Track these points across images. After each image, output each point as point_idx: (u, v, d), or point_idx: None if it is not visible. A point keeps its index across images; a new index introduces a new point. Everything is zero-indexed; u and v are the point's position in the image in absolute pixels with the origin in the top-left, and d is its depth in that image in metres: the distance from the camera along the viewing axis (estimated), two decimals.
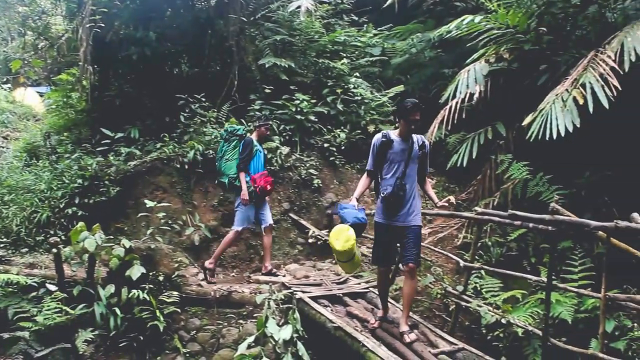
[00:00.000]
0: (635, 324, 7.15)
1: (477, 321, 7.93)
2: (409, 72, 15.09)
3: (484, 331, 7.74)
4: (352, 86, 13.49)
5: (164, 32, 12.79)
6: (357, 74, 14.16)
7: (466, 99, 10.13)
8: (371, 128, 12.77)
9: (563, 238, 8.41)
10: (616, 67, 7.96)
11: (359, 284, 8.67)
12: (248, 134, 9.47)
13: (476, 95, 10.12)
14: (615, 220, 4.79)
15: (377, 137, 6.40)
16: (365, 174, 6.58)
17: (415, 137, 6.31)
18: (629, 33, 8.34)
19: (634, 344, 7.02)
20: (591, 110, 7.64)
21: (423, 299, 8.60)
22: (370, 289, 8.31)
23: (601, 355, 5.20)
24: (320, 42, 14.44)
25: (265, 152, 9.62)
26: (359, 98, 13.28)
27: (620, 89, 7.71)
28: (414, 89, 14.03)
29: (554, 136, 7.74)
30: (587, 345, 6.88)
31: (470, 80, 10.01)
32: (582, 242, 8.30)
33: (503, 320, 7.06)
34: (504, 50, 10.38)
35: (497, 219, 6.53)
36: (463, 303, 7.52)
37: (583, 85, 7.93)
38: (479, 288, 8.26)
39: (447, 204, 6.18)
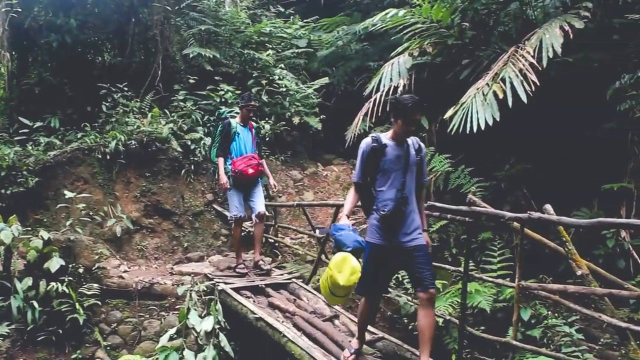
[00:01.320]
0: (550, 312, 7.37)
1: (399, 311, 8.02)
2: (334, 64, 15.15)
3: (405, 321, 7.83)
4: (277, 77, 13.43)
5: (85, 20, 12.46)
6: (282, 66, 14.09)
7: (390, 92, 10.21)
8: (296, 120, 12.75)
9: (483, 229, 8.60)
10: (535, 63, 8.16)
11: (282, 275, 8.63)
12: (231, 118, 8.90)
13: (400, 89, 10.21)
14: (528, 212, 4.91)
15: (366, 143, 5.20)
16: (352, 188, 5.36)
17: (409, 140, 5.22)
18: (548, 30, 8.57)
19: (549, 331, 7.24)
20: (510, 104, 7.82)
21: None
22: (293, 280, 8.29)
23: (514, 342, 5.32)
24: (246, 33, 14.31)
25: (255, 134, 8.86)
26: (284, 90, 13.24)
27: (538, 84, 7.92)
28: (339, 82, 14.09)
29: (474, 129, 7.88)
30: (506, 333, 7.06)
31: (394, 73, 10.11)
32: (501, 233, 8.50)
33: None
34: (427, 44, 10.51)
35: None
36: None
37: (503, 80, 8.10)
38: (401, 279, 8.34)
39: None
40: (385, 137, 5.19)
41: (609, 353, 6.87)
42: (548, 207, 4.88)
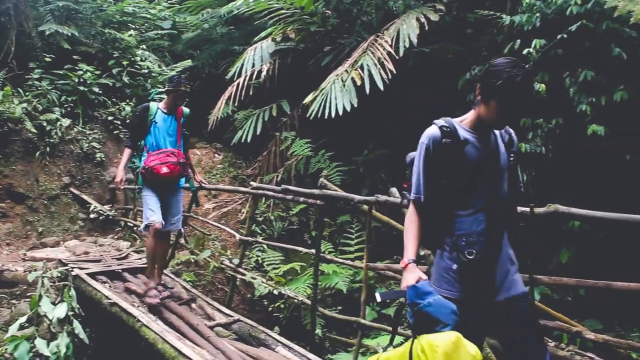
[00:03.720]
0: None
1: (260, 294, 8.07)
2: (200, 47, 14.92)
3: (265, 303, 7.90)
4: (139, 59, 13.02)
5: None
6: (145, 47, 13.68)
7: (254, 77, 10.21)
8: None
9: (341, 212, 8.82)
10: (392, 52, 8.46)
11: (140, 259, 8.42)
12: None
13: (264, 73, 10.25)
14: (376, 195, 5.09)
15: (432, 136, 3.12)
16: (411, 209, 3.24)
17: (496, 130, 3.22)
18: (405, 21, 8.91)
19: (404, 309, 7.54)
20: (367, 91, 8.07)
21: (205, 272, 8.56)
22: None
23: (362, 321, 5.51)
24: (108, 12, 13.72)
25: (181, 123, 6.59)
26: (146, 71, 12.88)
27: (395, 72, 8.21)
28: (204, 65, 13.91)
29: (333, 115, 8.05)
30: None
31: (256, 58, 10.14)
32: (360, 216, 8.76)
33: (275, 292, 7.23)
34: (290, 30, 10.60)
35: (271, 193, 6.66)
36: (239, 276, 7.58)
37: (362, 67, 8.34)
38: (260, 261, 8.40)
39: None
40: (462, 127, 3.14)
41: None
42: (393, 190, 5.08)
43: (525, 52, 7.78)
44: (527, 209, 4.03)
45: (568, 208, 3.94)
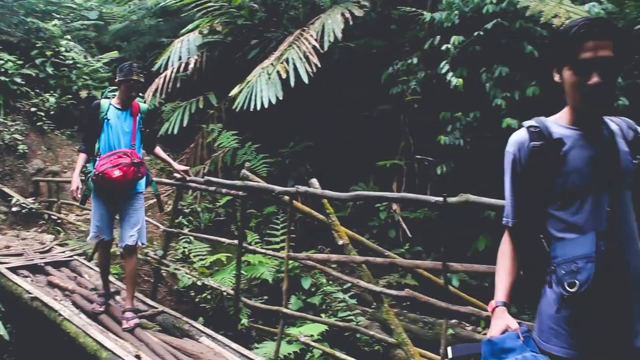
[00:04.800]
0: (325, 281, 7.86)
1: (187, 286, 8.10)
2: (127, 39, 14.72)
3: (192, 294, 7.95)
4: (63, 49, 12.77)
5: None
6: (70, 37, 13.42)
7: (182, 69, 10.20)
8: (84, 93, 12.25)
9: (267, 203, 8.95)
10: (317, 45, 8.61)
11: (64, 252, 8.33)
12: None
13: (191, 66, 10.23)
14: (296, 186, 5.22)
15: (517, 142, 2.46)
16: (503, 238, 2.60)
17: (612, 123, 2.43)
18: (330, 16, 9.08)
19: (327, 298, 7.74)
20: (292, 84, 8.20)
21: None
22: (75, 257, 8.03)
23: (284, 310, 5.63)
24: (31, 0, 13.41)
25: (137, 120, 5.71)
26: (71, 62, 12.64)
27: (320, 66, 8.37)
28: (131, 57, 13.74)
29: (259, 107, 8.15)
30: (288, 302, 7.44)
31: (183, 50, 10.12)
32: (286, 207, 8.90)
33: (199, 283, 7.29)
34: (218, 23, 10.61)
35: (194, 185, 6.70)
36: (163, 267, 7.59)
37: (287, 61, 8.45)
38: (187, 253, 8.43)
39: None
40: (559, 124, 2.43)
41: (378, 315, 7.51)
42: (314, 181, 5.22)
43: (444, 48, 8.07)
44: (441, 199, 4.21)
45: (479, 198, 4.10)
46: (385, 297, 5.12)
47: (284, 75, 8.26)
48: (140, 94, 5.74)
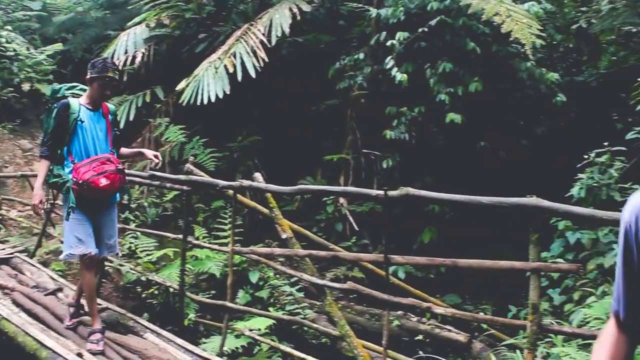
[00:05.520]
0: (273, 274, 7.91)
1: (133, 281, 8.04)
2: (73, 30, 14.45)
3: (139, 289, 7.90)
4: (4, 40, 12.46)
5: None
6: (11, 28, 13.10)
7: (128, 62, 10.08)
8: (26, 86, 11.98)
9: (215, 197, 8.94)
10: (265, 40, 8.63)
11: (4, 249, 8.16)
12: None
13: (138, 59, 10.12)
14: (240, 180, 5.25)
15: (635, 208, 1.49)
16: (612, 326, 1.62)
17: None
18: (278, 10, 9.09)
19: (275, 291, 7.79)
20: (240, 78, 8.21)
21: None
22: (16, 254, 7.87)
23: (229, 304, 5.65)
24: None
25: (111, 122, 5.20)
26: (12, 54, 12.34)
27: (267, 60, 8.40)
28: (77, 49, 13.50)
29: (205, 101, 8.13)
30: (236, 296, 7.46)
31: (129, 43, 10.00)
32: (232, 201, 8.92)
33: (143, 278, 7.26)
34: (165, 16, 10.52)
35: (138, 179, 6.66)
36: (107, 263, 7.51)
37: (234, 55, 8.44)
38: (133, 248, 8.37)
39: None
40: None
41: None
42: (257, 175, 5.27)
43: (389, 43, 8.19)
44: (382, 192, 4.28)
45: (418, 191, 4.20)
46: (329, 290, 5.20)
47: (231, 70, 8.26)
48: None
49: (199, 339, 6.81)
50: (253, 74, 8.19)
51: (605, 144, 6.70)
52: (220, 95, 8.15)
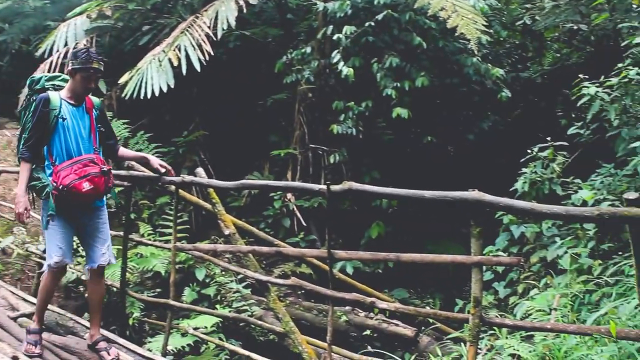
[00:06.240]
0: (219, 271, 7.80)
1: (74, 280, 7.83)
2: (9, 20, 13.96)
3: (82, 289, 7.69)
4: None
5: None
6: None
7: (68, 54, 9.78)
8: None
9: (160, 193, 8.78)
10: (210, 33, 8.47)
11: None
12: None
13: None
14: (182, 175, 5.15)
15: None
16: None
17: None
18: (224, 3, 8.93)
19: (222, 288, 7.69)
20: (184, 72, 8.03)
21: (13, 261, 8.15)
22: None
23: (172, 302, 5.53)
24: None
25: (95, 118, 4.68)
26: None
27: (213, 54, 8.25)
28: (14, 40, 13.07)
29: (149, 95, 7.95)
30: (182, 294, 7.34)
31: (69, 35, 9.69)
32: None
33: (83, 277, 7.05)
34: (107, 7, 10.24)
35: None
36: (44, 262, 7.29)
37: (179, 48, 8.27)
38: (76, 246, 8.13)
39: None
40: None
41: None
42: (200, 170, 5.15)
43: (335, 37, 8.15)
44: (324, 187, 4.20)
45: (362, 185, 4.14)
46: (273, 286, 5.14)
47: (175, 63, 8.08)
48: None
49: (144, 339, 6.68)
50: (198, 68, 8.04)
51: (548, 138, 6.79)
52: (165, 89, 7.97)
